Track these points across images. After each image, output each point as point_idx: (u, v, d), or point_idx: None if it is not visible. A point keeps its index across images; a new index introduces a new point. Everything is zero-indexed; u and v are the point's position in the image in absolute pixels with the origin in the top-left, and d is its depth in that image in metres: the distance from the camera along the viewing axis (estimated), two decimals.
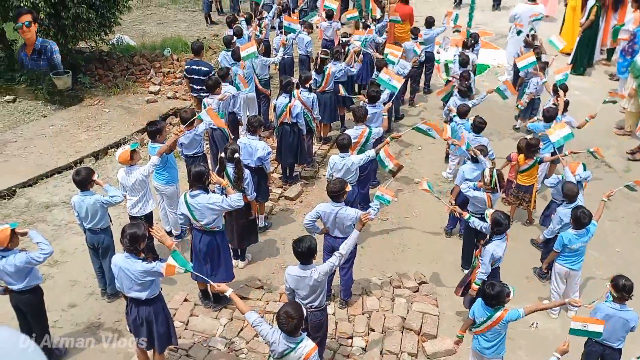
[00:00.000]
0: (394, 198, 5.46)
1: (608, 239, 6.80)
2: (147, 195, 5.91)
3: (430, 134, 6.35)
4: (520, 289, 5.19)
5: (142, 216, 5.89)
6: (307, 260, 4.42)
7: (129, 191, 5.81)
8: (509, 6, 13.24)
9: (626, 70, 9.15)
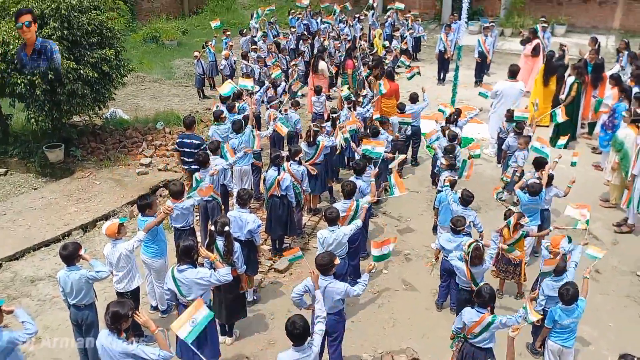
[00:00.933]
0: (394, 242, 6.07)
1: (599, 313, 6.75)
2: (133, 270, 5.84)
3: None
4: None
5: (129, 292, 5.80)
6: (302, 341, 4.34)
7: (115, 266, 5.75)
8: (490, 82, 13.75)
9: (608, 144, 9.42)
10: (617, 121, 9.32)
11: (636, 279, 7.45)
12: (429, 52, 18.37)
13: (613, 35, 19.73)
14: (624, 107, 9.25)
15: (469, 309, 5.22)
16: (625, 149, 8.32)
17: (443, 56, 15.38)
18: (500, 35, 19.90)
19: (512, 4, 21.24)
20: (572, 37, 19.78)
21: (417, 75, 12.16)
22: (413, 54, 17.61)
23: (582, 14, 20.89)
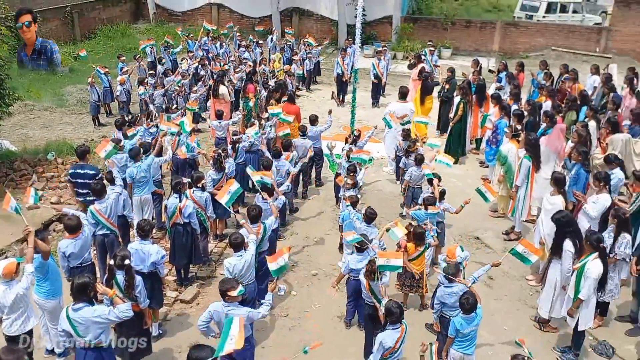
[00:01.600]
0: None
1: (495, 318, 7.18)
2: (29, 311, 5.45)
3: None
4: None
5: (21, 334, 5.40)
6: None
7: (8, 309, 5.33)
8: (387, 103, 14.40)
9: (493, 158, 10.14)
10: (500, 137, 10.08)
11: (526, 283, 8.02)
12: (328, 75, 18.90)
13: (493, 57, 21.41)
14: (504, 123, 10.05)
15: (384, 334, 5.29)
16: (508, 162, 9.00)
17: (341, 79, 15.89)
18: (393, 59, 20.91)
19: (402, 29, 22.42)
20: (457, 59, 21.22)
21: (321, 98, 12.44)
22: (313, 77, 18.04)
23: (465, 38, 22.50)
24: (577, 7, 24.48)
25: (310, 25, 23.85)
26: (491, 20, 23.17)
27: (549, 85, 12.56)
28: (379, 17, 23.10)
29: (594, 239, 6.10)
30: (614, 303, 7.23)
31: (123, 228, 7.71)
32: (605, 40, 21.14)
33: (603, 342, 6.74)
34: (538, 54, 21.04)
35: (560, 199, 7.39)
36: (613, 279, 6.73)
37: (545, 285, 6.79)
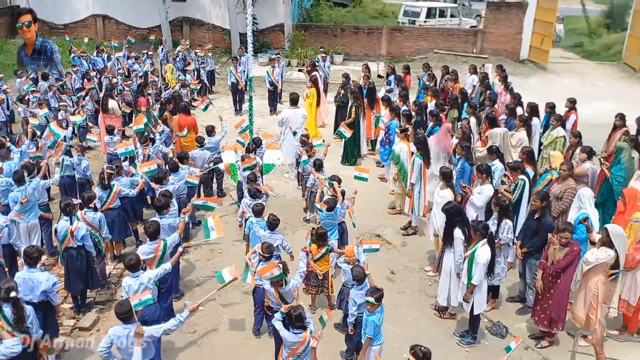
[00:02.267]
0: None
1: (398, 310, 7.47)
2: None
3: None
4: None
5: None
6: None
7: None
8: None
9: (388, 157, 10.58)
10: (392, 137, 10.54)
11: (425, 274, 8.43)
12: (224, 84, 18.73)
13: (382, 61, 22.32)
14: (395, 124, 10.52)
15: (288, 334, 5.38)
16: (401, 162, 9.43)
17: (237, 87, 15.83)
18: (288, 66, 21.15)
19: (294, 37, 22.75)
20: (349, 64, 21.89)
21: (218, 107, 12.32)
22: (209, 86, 17.81)
23: (354, 43, 23.28)
24: (454, 12, 26.21)
25: (202, 35, 23.51)
26: (377, 26, 24.16)
27: (432, 86, 13.33)
28: (271, 25, 23.26)
29: (481, 227, 6.56)
30: (503, 286, 7.79)
31: (10, 257, 7.16)
32: (480, 41, 22.80)
33: (497, 323, 7.25)
34: (422, 56, 22.26)
35: (449, 192, 7.87)
36: (500, 263, 7.25)
37: (441, 274, 7.19)
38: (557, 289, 6.48)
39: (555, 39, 25.49)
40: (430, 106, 11.69)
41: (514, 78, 18.50)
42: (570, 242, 6.39)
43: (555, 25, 22.77)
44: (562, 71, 21.99)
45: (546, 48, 21.90)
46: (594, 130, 12.60)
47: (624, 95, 18.45)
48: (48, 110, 11.96)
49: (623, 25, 25.18)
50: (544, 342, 6.87)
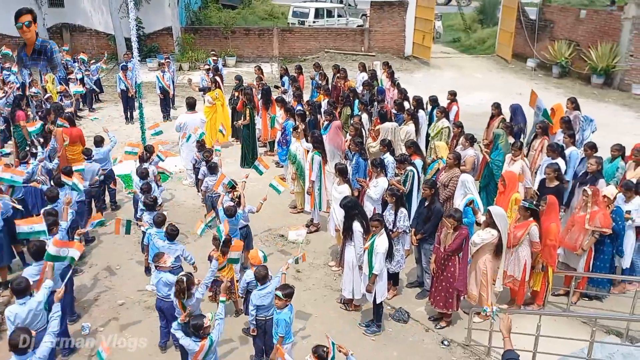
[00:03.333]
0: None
1: (306, 308, 7.58)
2: None
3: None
4: None
5: None
6: None
7: None
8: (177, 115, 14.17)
9: (285, 158, 10.68)
10: (288, 137, 10.65)
11: (329, 269, 8.62)
12: (112, 92, 17.91)
13: (275, 62, 22.45)
14: (291, 124, 10.63)
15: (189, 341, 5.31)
16: (298, 161, 9.57)
17: (126, 95, 15.19)
18: (179, 70, 20.67)
19: (183, 40, 22.25)
20: (242, 66, 21.81)
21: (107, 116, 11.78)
22: (95, 96, 16.95)
23: (246, 45, 23.22)
24: (341, 12, 26.95)
25: (85, 41, 22.34)
26: (268, 28, 24.26)
27: (325, 85, 13.62)
28: (158, 29, 22.60)
29: (377, 218, 6.83)
30: (402, 272, 8.16)
31: None
32: (367, 40, 23.65)
33: (399, 309, 7.57)
34: (314, 56, 22.67)
35: (346, 187, 8.11)
36: (399, 250, 7.59)
37: (344, 268, 7.37)
38: (449, 271, 6.89)
39: (435, 35, 27.02)
40: (323, 105, 11.94)
41: (400, 74, 19.43)
42: (459, 227, 6.82)
43: (434, 23, 24.12)
44: (444, 65, 23.37)
45: (428, 44, 23.16)
46: (475, 120, 13.55)
47: (499, 85, 19.99)
48: None
49: (494, 20, 27.21)
50: (442, 323, 7.28)
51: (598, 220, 7.12)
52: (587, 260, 7.39)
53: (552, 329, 6.72)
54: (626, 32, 18.55)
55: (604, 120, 15.02)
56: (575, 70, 20.38)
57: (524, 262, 7.10)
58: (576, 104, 11.04)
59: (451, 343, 6.98)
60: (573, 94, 15.47)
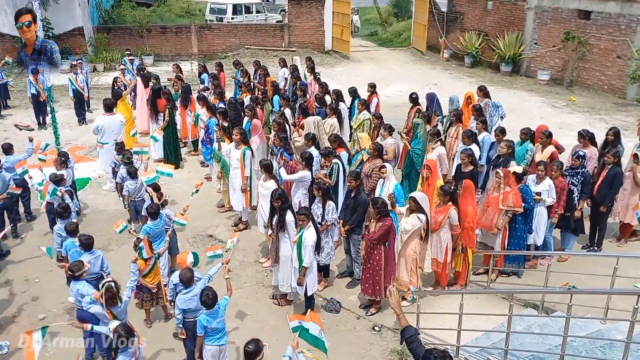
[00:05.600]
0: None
1: (238, 306, 7.53)
2: None
3: None
4: None
5: None
6: None
7: None
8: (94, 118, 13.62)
9: (211, 157, 10.55)
10: (212, 136, 10.51)
11: (260, 266, 8.62)
12: (21, 97, 16.91)
13: (195, 60, 22.03)
14: (214, 122, 10.49)
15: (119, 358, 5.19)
16: (223, 159, 9.47)
17: (37, 99, 14.38)
18: (94, 71, 19.85)
19: (96, 40, 21.37)
20: (160, 65, 21.24)
21: None
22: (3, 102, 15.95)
23: (164, 43, 22.63)
24: (259, 8, 26.86)
25: None
26: (185, 25, 23.75)
27: (246, 81, 13.54)
28: (69, 30, 21.58)
29: (304, 212, 6.91)
30: (333, 264, 8.30)
31: None
32: (287, 35, 23.71)
33: (331, 299, 7.71)
34: (235, 53, 22.46)
35: (272, 182, 8.12)
36: (328, 242, 7.71)
37: (280, 263, 7.30)
38: (374, 259, 7.10)
39: (354, 29, 27.52)
40: (246, 102, 11.88)
41: (322, 68, 19.65)
42: (383, 217, 7.00)
43: (351, 17, 24.53)
44: (363, 58, 23.86)
45: (346, 38, 23.56)
46: (395, 110, 13.98)
47: (415, 76, 20.68)
48: None
49: (409, 13, 28.06)
50: (372, 310, 7.48)
51: (510, 199, 7.56)
52: (502, 239, 7.83)
53: (475, 306, 7.09)
54: (530, 21, 19.72)
55: (514, 105, 15.95)
56: (485, 60, 21.43)
57: (445, 245, 7.42)
58: (485, 91, 11.63)
59: (382, 328, 7.19)
60: (484, 82, 16.35)
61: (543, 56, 19.49)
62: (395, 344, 6.88)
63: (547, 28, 19.14)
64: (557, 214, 8.16)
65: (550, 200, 7.94)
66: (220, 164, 9.57)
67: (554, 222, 8.25)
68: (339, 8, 23.40)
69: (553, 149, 8.96)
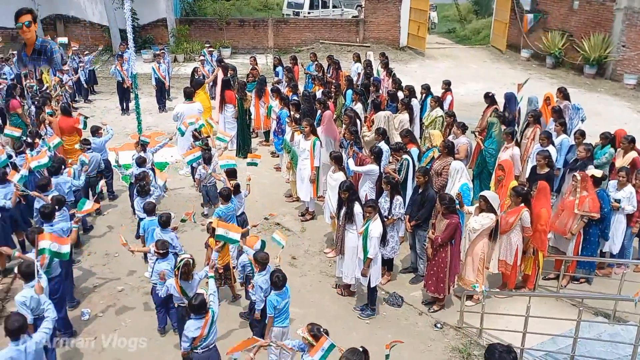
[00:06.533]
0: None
1: (302, 293, 7.72)
2: None
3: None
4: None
5: None
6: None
7: None
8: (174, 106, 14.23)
9: (281, 147, 10.78)
10: (283, 126, 10.74)
11: (325, 256, 8.75)
12: (107, 83, 17.93)
13: (270, 53, 22.48)
14: (286, 113, 10.73)
15: (187, 324, 5.43)
16: (293, 150, 9.67)
17: (122, 86, 15.22)
18: (174, 61, 20.68)
19: (178, 32, 22.23)
20: (237, 57, 21.81)
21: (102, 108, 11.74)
22: (91, 86, 16.98)
23: (241, 36, 23.22)
24: (336, 2, 26.96)
25: (79, 32, 22.26)
26: (263, 18, 24.26)
27: (320, 75, 13.70)
28: (153, 20, 22.57)
29: (371, 204, 6.95)
30: (397, 258, 8.31)
31: None
32: (362, 31, 23.69)
33: (393, 293, 7.73)
34: (309, 47, 22.70)
35: (341, 174, 8.21)
36: (394, 237, 7.73)
37: (346, 254, 7.37)
38: (440, 257, 7.05)
39: (430, 26, 27.09)
40: (318, 95, 12.02)
41: (395, 64, 19.51)
42: (450, 215, 6.94)
43: (429, 13, 24.16)
44: (438, 56, 23.46)
45: (422, 35, 23.24)
46: (469, 109, 13.69)
47: (493, 75, 20.10)
48: None
49: (489, 10, 27.27)
50: (435, 307, 7.43)
51: (587, 204, 7.27)
52: (576, 245, 7.55)
53: (542, 311, 6.87)
54: (618, 22, 18.67)
55: (596, 109, 15.21)
56: (568, 61, 20.52)
57: (515, 247, 7.24)
58: (565, 93, 11.18)
59: (444, 326, 7.14)
60: (566, 84, 15.65)
61: (631, 59, 18.41)
62: (457, 342, 6.82)
63: (637, 30, 18.07)
64: (637, 224, 7.76)
65: (631, 209, 7.57)
66: (290, 155, 9.77)
67: (634, 232, 7.85)
68: (416, 4, 23.13)
69: (635, 155, 8.52)
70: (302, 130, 9.26)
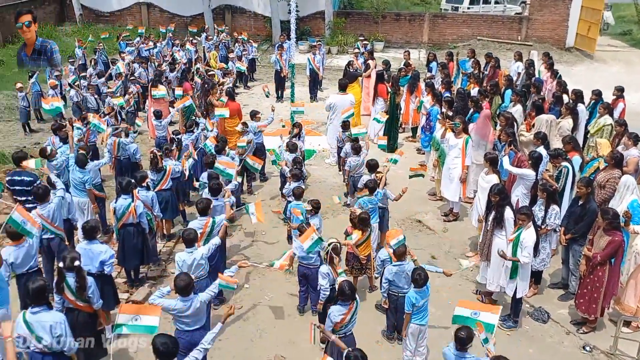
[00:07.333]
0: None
1: (440, 294, 7.57)
2: None
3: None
4: (373, 354, 5.54)
5: None
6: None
7: None
8: (324, 97, 14.67)
9: (428, 144, 10.60)
10: (432, 123, 10.55)
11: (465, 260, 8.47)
12: (264, 72, 18.97)
13: (423, 48, 22.15)
14: (437, 110, 10.51)
15: (335, 307, 5.55)
16: (442, 148, 9.44)
17: (279, 75, 16.01)
18: (328, 53, 21.25)
19: (334, 24, 22.79)
20: (389, 52, 21.82)
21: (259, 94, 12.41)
22: (250, 74, 18.08)
23: (396, 30, 23.16)
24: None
25: (244, 22, 23.84)
26: (419, 13, 23.97)
27: (476, 72, 13.20)
28: (311, 13, 23.40)
29: (525, 211, 6.57)
30: (546, 272, 7.80)
31: (68, 232, 7.56)
32: (525, 29, 22.37)
33: (539, 308, 7.26)
34: (465, 44, 21.98)
35: (495, 177, 7.84)
36: (545, 248, 7.25)
37: (492, 260, 7.05)
38: (596, 275, 6.48)
39: (603, 26, 24.76)
40: (473, 93, 11.60)
41: (559, 66, 18.11)
42: (613, 232, 6.33)
43: (602, 13, 22.12)
44: (609, 59, 21.40)
45: (593, 36, 21.35)
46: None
47: None
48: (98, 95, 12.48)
49: None
50: (585, 328, 6.86)
51: None
52: None
53: None
54: None
55: None
56: None
57: None
58: None
59: (593, 349, 6.56)
60: None
61: None
62: None
63: None
64: None
65: None
66: (438, 153, 9.57)
67: None
68: (589, 3, 21.29)
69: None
70: (457, 127, 9.00)
